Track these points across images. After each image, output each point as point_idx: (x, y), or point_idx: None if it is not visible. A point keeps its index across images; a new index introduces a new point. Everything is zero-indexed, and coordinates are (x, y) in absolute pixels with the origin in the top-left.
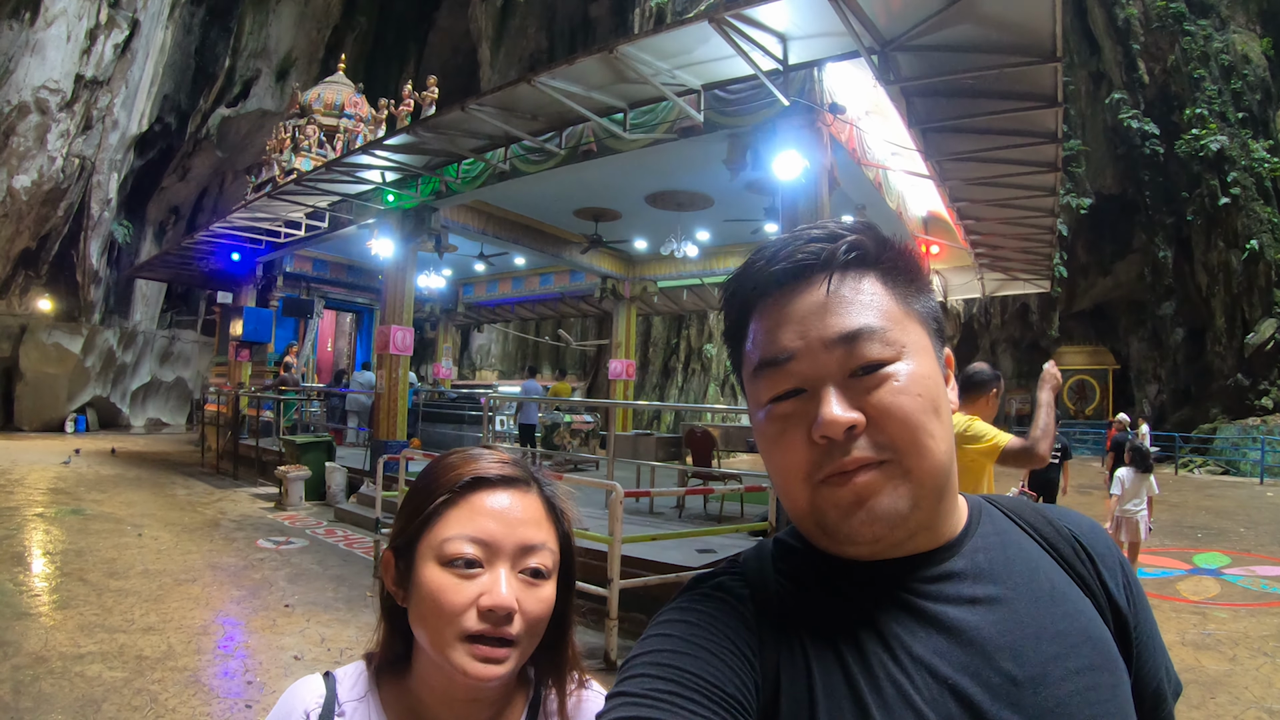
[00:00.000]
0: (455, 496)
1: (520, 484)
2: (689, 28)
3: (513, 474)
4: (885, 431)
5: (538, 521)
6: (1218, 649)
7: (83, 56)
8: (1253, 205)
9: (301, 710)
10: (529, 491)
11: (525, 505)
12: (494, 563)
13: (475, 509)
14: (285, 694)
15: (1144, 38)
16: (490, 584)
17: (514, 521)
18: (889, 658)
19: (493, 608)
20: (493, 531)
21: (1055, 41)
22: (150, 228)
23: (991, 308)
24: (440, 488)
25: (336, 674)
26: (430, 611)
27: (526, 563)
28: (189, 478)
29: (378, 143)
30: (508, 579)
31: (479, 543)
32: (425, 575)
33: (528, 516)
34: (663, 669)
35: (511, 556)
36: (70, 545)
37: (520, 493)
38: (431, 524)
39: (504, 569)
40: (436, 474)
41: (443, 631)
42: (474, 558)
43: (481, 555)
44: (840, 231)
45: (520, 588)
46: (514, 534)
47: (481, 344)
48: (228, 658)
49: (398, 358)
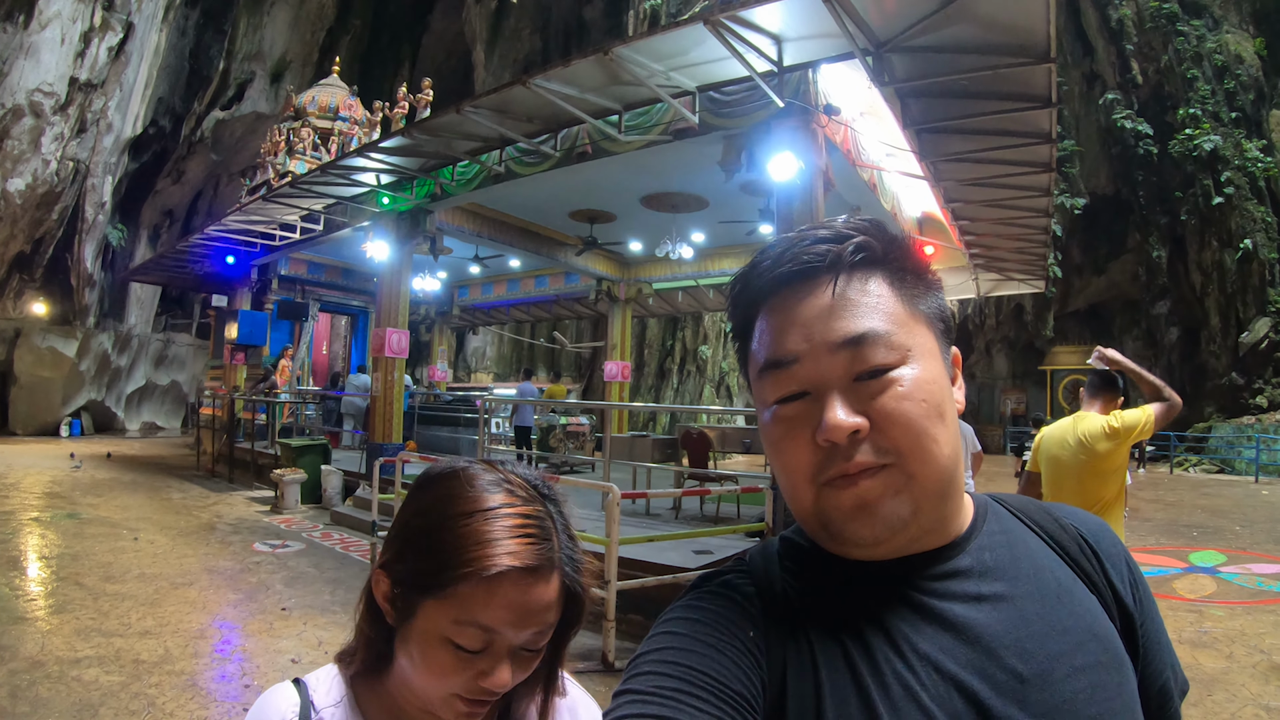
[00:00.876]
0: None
1: (545, 571)
2: (683, 29)
3: (543, 561)
4: (888, 436)
5: (550, 607)
6: (1214, 647)
7: (77, 59)
8: (1246, 205)
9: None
10: (551, 574)
11: (546, 593)
12: (498, 646)
13: (494, 599)
14: (256, 703)
15: (1137, 38)
16: (492, 666)
17: (529, 614)
18: (895, 655)
19: (493, 689)
20: (506, 625)
21: (1049, 42)
22: (145, 231)
23: (986, 308)
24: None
25: (307, 680)
26: (423, 672)
27: (528, 643)
28: (185, 481)
29: (372, 145)
30: (509, 662)
31: (490, 632)
32: (426, 639)
33: (545, 604)
34: (670, 666)
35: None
36: (66, 549)
37: (544, 580)
38: (445, 593)
39: (507, 656)
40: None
41: (431, 688)
42: (482, 647)
43: (489, 642)
44: (847, 232)
45: (516, 666)
46: (526, 627)
47: (477, 346)
48: (225, 661)
49: (393, 360)
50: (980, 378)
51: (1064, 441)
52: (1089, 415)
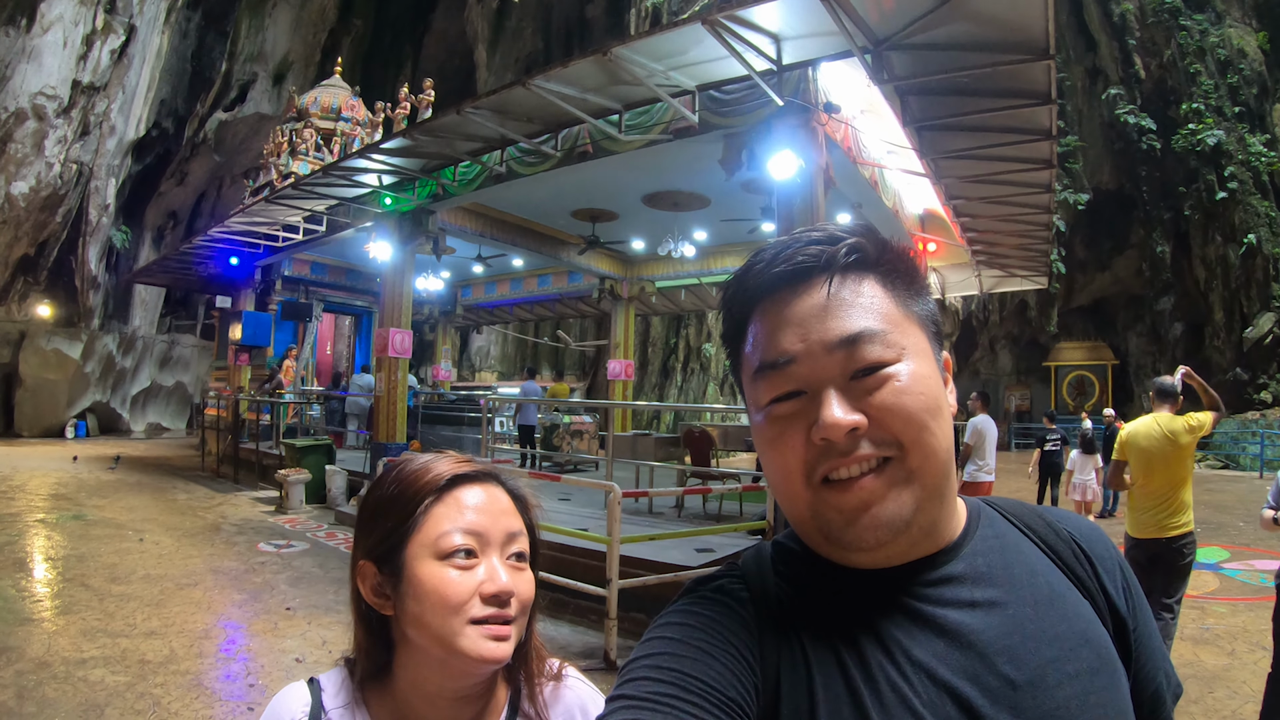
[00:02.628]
0: (440, 495)
1: (489, 479)
2: (683, 29)
3: (482, 470)
4: (888, 431)
5: (512, 511)
6: (1216, 644)
7: (79, 62)
8: (1250, 199)
9: (288, 718)
10: (498, 484)
11: (500, 496)
12: (486, 552)
13: (461, 505)
14: (272, 702)
15: (1140, 33)
16: (490, 572)
17: (496, 513)
18: (888, 661)
19: (497, 593)
20: (481, 523)
21: (1048, 39)
22: (148, 233)
23: (990, 304)
24: (422, 490)
25: (321, 680)
26: (435, 605)
27: (511, 549)
28: (190, 482)
29: (374, 146)
30: (501, 564)
31: (472, 534)
32: (424, 573)
33: (505, 506)
34: (664, 672)
35: (499, 545)
36: (72, 551)
37: (494, 485)
38: (420, 525)
39: (496, 557)
40: (409, 479)
41: (449, 621)
42: (471, 548)
43: (475, 545)
44: (840, 234)
45: (511, 572)
46: (498, 524)
47: (480, 345)
48: (230, 661)
49: (396, 360)
50: (984, 374)
51: (1150, 435)
52: (1166, 415)
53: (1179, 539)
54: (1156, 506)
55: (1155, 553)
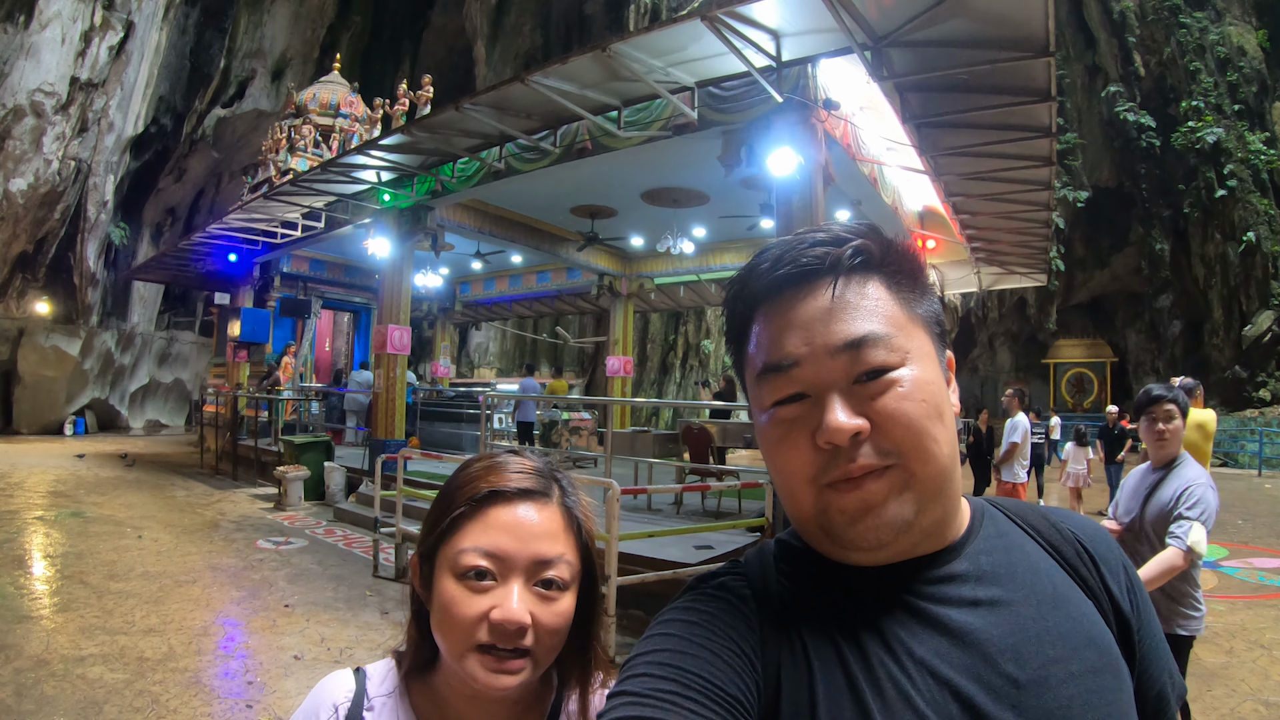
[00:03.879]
0: (472, 510)
1: (539, 496)
2: (682, 25)
3: (531, 485)
4: (890, 437)
5: (554, 534)
6: (1214, 641)
7: (78, 59)
8: (1249, 197)
9: (330, 704)
10: (548, 504)
11: (542, 518)
12: (508, 577)
13: (489, 523)
14: (316, 687)
15: (1139, 30)
16: (502, 598)
17: (528, 535)
18: (890, 659)
19: (503, 622)
20: (505, 546)
21: (1048, 36)
22: (147, 229)
23: (989, 301)
24: (458, 500)
25: (367, 670)
26: (444, 621)
27: (541, 575)
28: (188, 479)
29: (373, 143)
30: (520, 593)
31: (492, 556)
32: (441, 585)
33: (543, 530)
34: (665, 669)
35: (525, 570)
36: (71, 548)
37: (538, 505)
38: (449, 536)
39: (517, 584)
40: (458, 484)
41: (456, 641)
42: (486, 569)
43: (494, 568)
44: (844, 235)
45: (534, 601)
46: (527, 548)
47: (479, 342)
48: (228, 658)
49: (395, 357)
50: (983, 371)
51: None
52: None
53: None
54: None
55: None
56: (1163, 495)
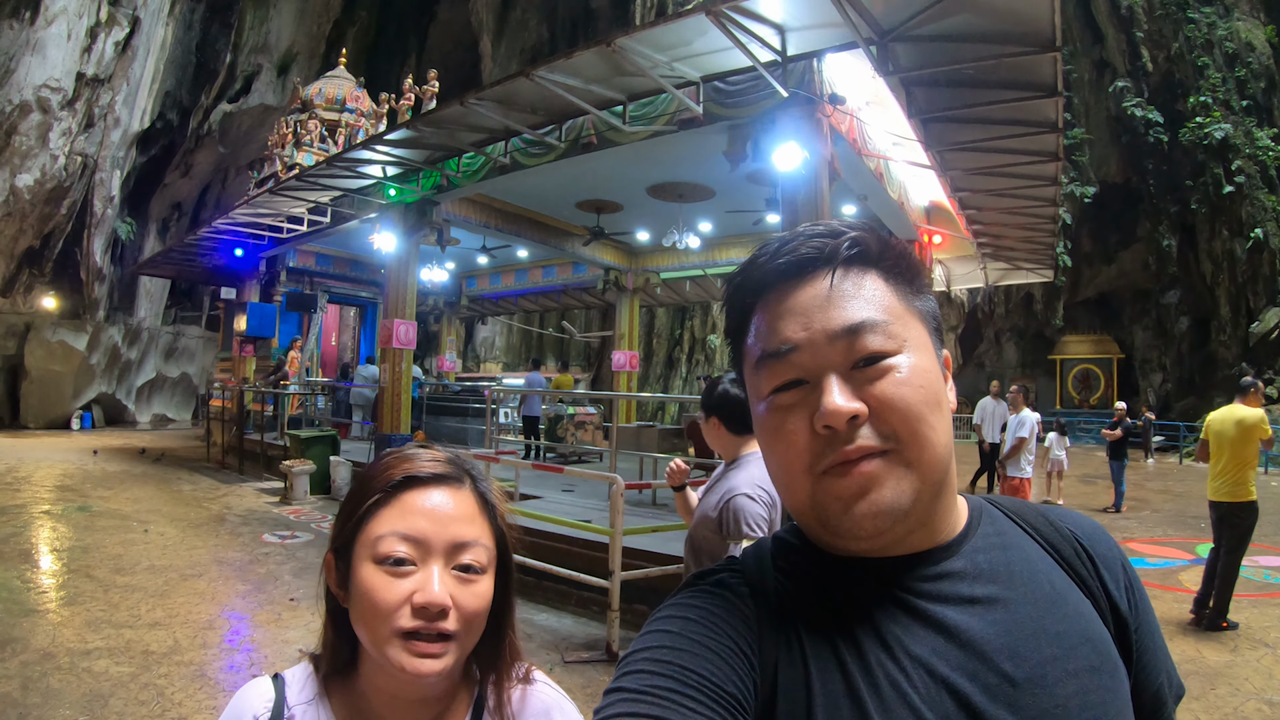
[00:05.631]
0: (387, 496)
1: (452, 481)
2: (687, 20)
3: (444, 471)
4: (887, 422)
5: (470, 518)
6: (1219, 640)
7: (84, 54)
8: (1257, 194)
9: (250, 715)
10: (461, 488)
11: (457, 502)
12: (427, 560)
13: (406, 508)
14: (235, 696)
15: (1147, 25)
16: (423, 581)
17: (444, 519)
18: (887, 657)
19: (425, 604)
20: (423, 529)
21: (1054, 31)
22: (153, 224)
23: (996, 297)
24: (373, 488)
25: (285, 676)
26: (366, 609)
27: (459, 559)
28: (194, 473)
29: (378, 138)
30: (440, 576)
31: (410, 540)
32: (360, 574)
33: (459, 513)
34: (662, 665)
35: (444, 554)
36: (77, 542)
37: (452, 490)
38: (365, 524)
39: (436, 566)
40: (371, 475)
41: (379, 629)
42: (405, 556)
43: (414, 553)
44: (842, 229)
45: (454, 584)
46: (445, 531)
47: (485, 336)
48: (233, 652)
49: (401, 351)
50: (989, 367)
51: (1222, 421)
52: (1239, 406)
53: (1241, 505)
54: (1224, 477)
55: (1222, 514)
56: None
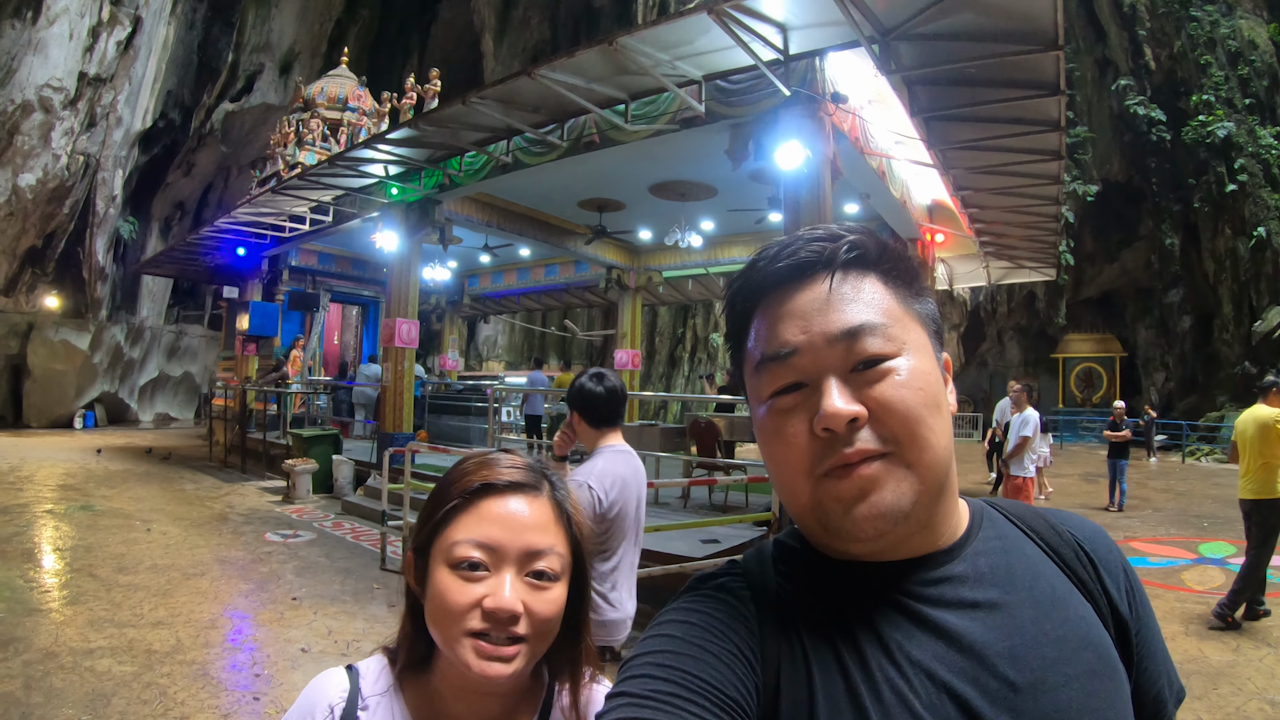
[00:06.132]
0: (464, 502)
1: (529, 489)
2: (689, 19)
3: (521, 479)
4: (886, 425)
5: (544, 526)
6: (1221, 639)
7: (85, 54)
8: (1260, 192)
9: (325, 704)
10: (539, 496)
11: (533, 510)
12: (500, 567)
13: (482, 515)
14: (309, 686)
15: (1150, 23)
16: (494, 587)
17: (519, 527)
18: (888, 661)
19: (495, 609)
20: (497, 537)
21: (1056, 29)
22: (156, 224)
23: (998, 295)
24: (451, 494)
25: (359, 667)
26: (438, 610)
27: (532, 566)
28: (197, 472)
29: (380, 137)
30: (512, 582)
31: (484, 547)
32: (435, 576)
33: (534, 521)
34: (664, 670)
35: (517, 560)
36: (80, 541)
37: (529, 498)
38: (443, 528)
39: (509, 573)
40: (452, 479)
41: (449, 629)
42: (479, 561)
43: (487, 559)
44: (841, 232)
45: (526, 590)
46: (519, 539)
47: (488, 335)
48: (236, 651)
49: (403, 350)
50: (992, 365)
51: (1246, 421)
52: (1264, 407)
53: (1266, 502)
54: (1252, 476)
55: (1249, 510)
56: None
